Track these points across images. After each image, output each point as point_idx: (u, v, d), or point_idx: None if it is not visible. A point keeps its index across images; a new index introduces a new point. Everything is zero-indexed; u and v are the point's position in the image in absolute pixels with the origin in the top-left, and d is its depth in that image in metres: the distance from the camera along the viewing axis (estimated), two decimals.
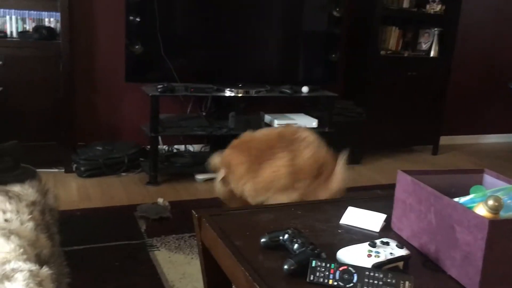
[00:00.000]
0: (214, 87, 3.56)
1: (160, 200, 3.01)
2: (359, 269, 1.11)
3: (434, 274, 1.23)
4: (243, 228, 1.44)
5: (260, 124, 3.76)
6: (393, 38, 4.42)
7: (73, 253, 2.29)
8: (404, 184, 1.40)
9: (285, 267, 1.16)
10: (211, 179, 2.85)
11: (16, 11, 3.35)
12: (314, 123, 3.86)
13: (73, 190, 3.21)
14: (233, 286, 1.50)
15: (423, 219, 1.31)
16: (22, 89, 3.22)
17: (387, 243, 1.22)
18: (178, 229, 2.69)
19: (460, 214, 1.18)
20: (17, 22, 3.35)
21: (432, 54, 4.47)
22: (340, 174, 2.17)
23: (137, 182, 3.42)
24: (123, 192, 3.25)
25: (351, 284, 1.10)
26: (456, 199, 1.29)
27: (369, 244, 1.21)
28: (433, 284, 1.20)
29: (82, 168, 3.40)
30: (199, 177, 3.53)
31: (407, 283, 1.07)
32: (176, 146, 3.87)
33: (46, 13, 3.40)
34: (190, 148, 3.93)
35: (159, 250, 2.48)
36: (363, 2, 4.24)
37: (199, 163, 3.50)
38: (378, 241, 1.22)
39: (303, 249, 1.21)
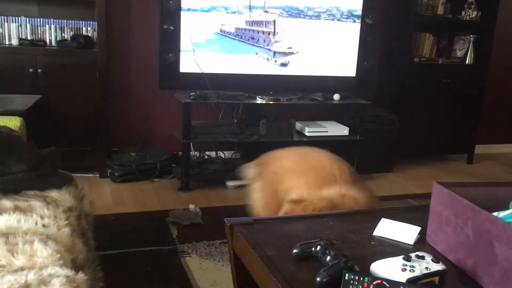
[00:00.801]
0: (246, 94, 3.58)
1: (192, 206, 3.04)
2: (394, 284, 1.09)
3: None
4: (275, 238, 1.43)
5: (291, 131, 3.76)
6: (427, 45, 4.35)
7: (106, 258, 2.33)
8: (440, 196, 1.37)
9: (318, 279, 1.15)
10: (242, 186, 2.86)
11: (55, 20, 3.45)
12: (345, 130, 3.83)
13: (107, 195, 3.28)
14: None
15: (460, 233, 1.28)
16: (60, 96, 3.31)
17: (422, 257, 1.20)
18: (209, 236, 2.71)
19: (499, 229, 1.14)
20: (56, 31, 3.46)
21: (467, 61, 4.37)
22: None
23: (169, 188, 3.47)
24: (155, 197, 3.30)
25: None
26: (495, 213, 1.25)
27: (403, 258, 1.18)
28: None
29: (116, 173, 3.47)
30: (230, 183, 3.54)
31: None
32: (207, 153, 3.90)
33: (83, 22, 3.49)
34: (221, 154, 3.96)
35: (190, 256, 2.50)
36: (397, 9, 4.19)
37: (230, 169, 3.52)
38: (413, 255, 1.20)
39: (336, 261, 1.20)
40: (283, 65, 3.77)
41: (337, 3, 3.79)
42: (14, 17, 3.37)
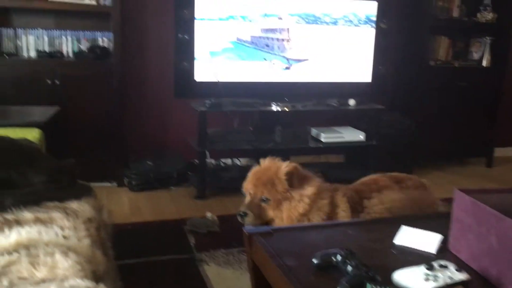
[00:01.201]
0: (261, 101, 3.58)
1: (209, 215, 3.04)
2: None
3: None
4: (293, 247, 1.43)
5: (306, 137, 3.75)
6: (442, 48, 4.31)
7: (124, 267, 2.34)
8: (462, 203, 1.35)
9: None
10: None
11: (71, 32, 3.50)
12: (361, 136, 3.81)
13: (125, 204, 3.30)
14: None
15: (484, 241, 1.26)
16: (77, 106, 3.35)
17: (445, 266, 1.18)
18: (227, 244, 2.71)
19: None
20: (72, 43, 3.50)
21: (484, 63, 4.32)
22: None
23: (186, 196, 3.48)
24: (172, 206, 3.31)
25: None
26: None
27: (426, 267, 1.17)
28: None
29: (134, 182, 3.49)
30: None
31: None
32: (223, 160, 3.91)
33: (99, 33, 3.54)
34: (237, 162, 3.96)
35: (208, 265, 2.50)
36: (411, 13, 4.17)
37: (246, 177, 3.51)
38: (435, 264, 1.19)
39: (357, 271, 1.19)
40: (297, 71, 3.76)
41: (353, 8, 3.77)
42: (32, 30, 3.43)
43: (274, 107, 3.59)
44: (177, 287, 2.29)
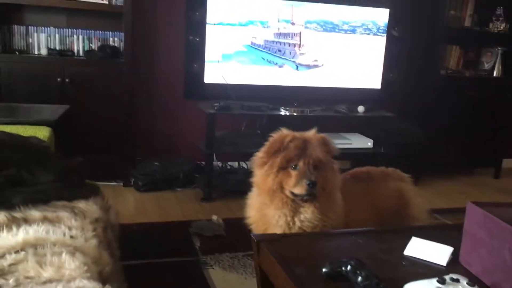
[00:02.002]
0: (270, 105, 3.57)
1: (215, 218, 3.03)
2: None
3: None
4: (303, 255, 1.42)
5: None
6: (453, 57, 4.29)
7: (129, 268, 2.33)
8: (475, 216, 1.34)
9: None
10: None
11: (83, 30, 3.51)
12: (369, 143, 3.79)
13: (131, 204, 3.29)
14: None
15: (496, 255, 1.24)
16: (86, 105, 3.35)
17: (457, 280, 1.16)
18: (232, 248, 2.69)
19: None
20: (83, 42, 3.51)
21: (495, 73, 4.30)
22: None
23: (191, 198, 3.47)
24: (178, 207, 3.30)
25: None
26: None
27: (437, 281, 1.15)
28: None
29: (140, 183, 3.49)
30: None
31: None
32: (229, 163, 3.90)
33: (110, 32, 3.55)
34: (244, 165, 3.95)
35: (213, 268, 2.48)
36: (423, 21, 4.15)
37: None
38: (447, 278, 1.17)
39: (367, 282, 1.17)
40: (308, 76, 3.75)
41: (364, 15, 3.76)
42: (43, 28, 3.44)
43: (283, 111, 3.57)
44: None
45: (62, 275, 1.35)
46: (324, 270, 1.27)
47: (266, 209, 1.89)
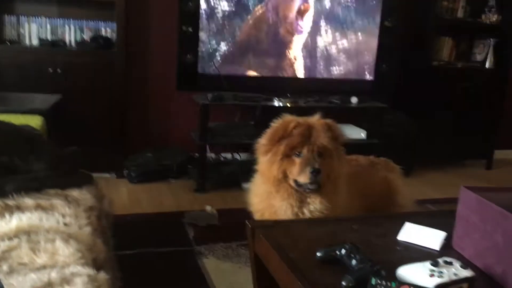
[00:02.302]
0: (263, 96, 3.57)
1: (208, 208, 3.03)
2: None
3: None
4: (297, 240, 1.42)
5: None
6: (446, 49, 4.31)
7: (123, 258, 2.33)
8: (468, 201, 1.35)
9: (343, 283, 1.13)
10: None
11: (74, 21, 3.48)
12: (362, 134, 3.80)
13: (124, 195, 3.28)
14: None
15: (489, 238, 1.25)
16: (78, 96, 3.33)
17: (450, 263, 1.17)
18: (226, 238, 2.70)
19: None
20: (75, 32, 3.48)
21: (487, 65, 4.32)
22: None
23: (185, 189, 3.47)
24: (171, 198, 3.30)
25: None
26: None
27: (431, 263, 1.16)
28: None
29: (133, 174, 3.48)
30: (246, 186, 3.52)
31: None
32: (223, 154, 3.90)
33: (103, 23, 3.52)
34: (237, 156, 3.95)
35: (207, 258, 2.49)
36: (416, 12, 4.15)
37: (246, 171, 3.49)
38: (440, 260, 1.18)
39: (362, 265, 1.18)
40: (301, 67, 3.75)
41: (357, 5, 3.76)
42: (34, 18, 3.41)
43: (276, 102, 3.57)
44: (175, 279, 2.28)
45: (56, 261, 1.35)
46: (318, 254, 1.28)
47: (272, 199, 1.85)
